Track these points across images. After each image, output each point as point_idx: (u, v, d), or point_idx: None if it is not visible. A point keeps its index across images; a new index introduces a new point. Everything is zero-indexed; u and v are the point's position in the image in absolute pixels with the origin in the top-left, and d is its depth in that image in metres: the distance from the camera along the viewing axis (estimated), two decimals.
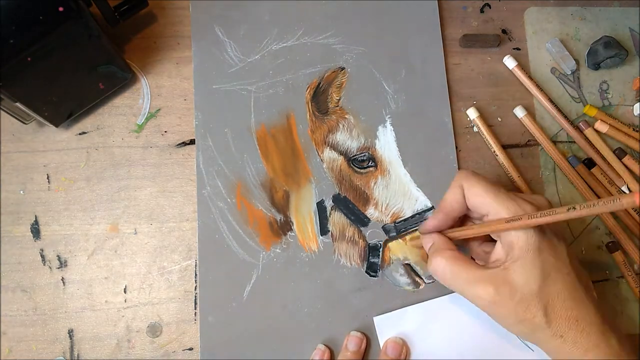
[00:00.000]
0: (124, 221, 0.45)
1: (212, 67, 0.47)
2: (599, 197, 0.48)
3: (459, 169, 0.48)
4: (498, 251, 0.36)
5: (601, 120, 0.49)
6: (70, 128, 0.46)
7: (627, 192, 0.48)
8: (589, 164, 0.49)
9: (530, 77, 0.50)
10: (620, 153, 0.49)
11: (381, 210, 0.46)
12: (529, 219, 0.33)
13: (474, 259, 0.41)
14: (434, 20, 0.50)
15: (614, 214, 0.48)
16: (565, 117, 0.49)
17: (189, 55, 0.48)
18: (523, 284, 0.34)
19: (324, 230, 0.45)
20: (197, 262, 0.44)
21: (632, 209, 0.48)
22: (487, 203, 0.36)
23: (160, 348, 0.43)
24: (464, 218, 0.42)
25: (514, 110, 0.49)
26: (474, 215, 0.40)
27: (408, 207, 0.46)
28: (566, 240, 0.37)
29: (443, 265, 0.37)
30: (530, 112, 0.50)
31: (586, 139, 0.49)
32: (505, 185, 0.48)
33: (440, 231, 0.41)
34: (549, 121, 0.50)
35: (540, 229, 0.35)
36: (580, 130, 0.49)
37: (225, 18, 0.48)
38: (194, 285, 0.44)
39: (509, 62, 0.50)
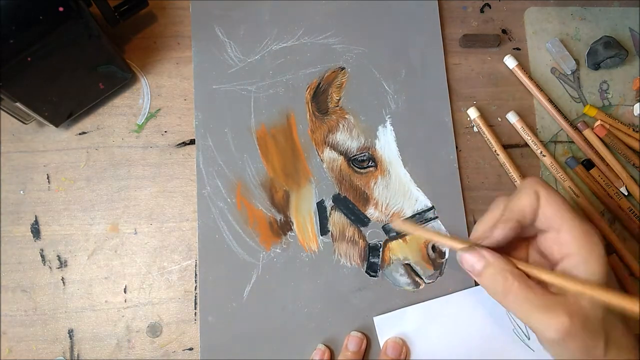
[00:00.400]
0: (124, 221, 0.45)
1: (212, 67, 0.47)
2: (596, 197, 0.48)
3: (459, 169, 0.48)
4: (562, 272, 0.34)
5: (601, 120, 0.49)
6: (70, 128, 0.46)
7: (625, 193, 0.49)
8: (588, 164, 0.49)
9: (530, 77, 0.50)
10: (588, 165, 0.49)
11: (381, 210, 0.46)
12: (613, 297, 0.31)
13: None
14: (434, 20, 0.50)
15: (613, 219, 0.48)
16: (565, 117, 0.49)
17: (189, 55, 0.48)
18: (592, 313, 0.32)
19: (324, 230, 0.45)
20: (197, 262, 0.44)
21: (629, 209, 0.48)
22: (563, 217, 0.33)
23: (160, 348, 0.43)
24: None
25: (506, 116, 0.49)
26: (529, 232, 0.36)
27: (408, 207, 0.46)
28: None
29: (514, 289, 0.32)
30: (531, 112, 0.50)
31: (585, 139, 0.49)
32: (503, 185, 0.48)
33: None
34: (549, 121, 0.50)
35: (606, 270, 0.32)
36: (579, 131, 0.49)
37: (225, 18, 0.48)
38: (194, 285, 0.44)
39: (510, 62, 0.50)
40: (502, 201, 0.37)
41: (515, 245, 0.38)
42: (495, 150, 0.48)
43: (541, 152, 0.48)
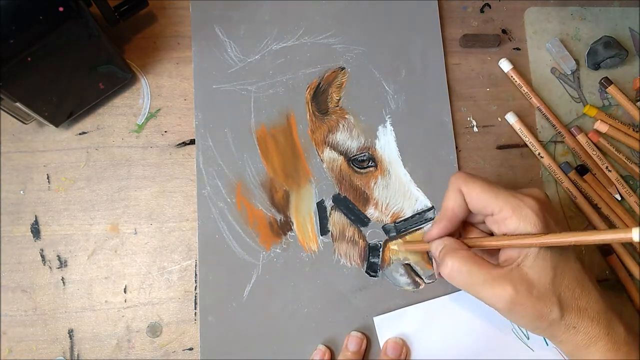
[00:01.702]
0: (124, 221, 0.45)
1: (212, 67, 0.47)
2: (590, 203, 0.49)
3: (459, 169, 0.48)
4: (508, 250, 0.36)
5: (601, 120, 0.49)
6: (70, 128, 0.46)
7: (619, 198, 0.49)
8: (582, 170, 0.49)
9: (526, 81, 0.50)
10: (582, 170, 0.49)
11: (381, 210, 0.46)
12: (551, 238, 0.32)
13: None
14: (434, 20, 0.50)
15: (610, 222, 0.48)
16: (560, 121, 0.49)
17: (189, 55, 0.48)
18: (537, 280, 0.34)
19: (324, 230, 0.45)
20: (197, 262, 0.44)
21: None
22: (489, 203, 0.36)
23: (160, 348, 0.43)
24: (464, 223, 0.41)
25: (505, 116, 0.49)
26: (476, 219, 0.40)
27: (408, 207, 0.46)
28: (567, 230, 0.37)
29: (457, 266, 0.35)
30: (531, 111, 0.50)
31: (579, 143, 0.49)
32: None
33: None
34: (549, 121, 0.50)
35: (546, 220, 0.34)
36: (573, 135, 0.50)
37: (225, 18, 0.48)
38: (194, 285, 0.44)
39: (505, 65, 0.50)
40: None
41: (472, 231, 0.40)
42: (539, 153, 0.48)
43: (539, 153, 0.48)
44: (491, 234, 0.38)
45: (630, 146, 0.49)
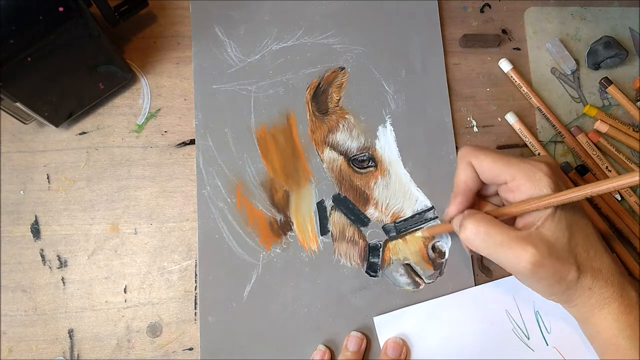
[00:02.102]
0: (124, 221, 0.45)
1: (212, 67, 0.47)
2: (591, 203, 0.48)
3: None
4: (526, 215, 0.36)
5: (601, 120, 0.49)
6: (70, 128, 0.46)
7: (619, 198, 0.49)
8: (582, 170, 0.49)
9: (526, 81, 0.50)
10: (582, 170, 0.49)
11: (381, 210, 0.46)
12: (563, 196, 0.33)
13: None
14: (434, 20, 0.50)
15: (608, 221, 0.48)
16: (560, 120, 0.49)
17: (189, 55, 0.48)
18: (556, 240, 0.34)
19: (324, 230, 0.45)
20: (197, 262, 0.44)
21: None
22: (502, 171, 0.36)
23: (160, 348, 0.43)
24: (477, 198, 0.41)
25: (505, 116, 0.49)
26: (489, 191, 0.40)
27: (408, 207, 0.46)
28: None
29: (478, 228, 0.35)
30: (531, 111, 0.50)
31: (579, 143, 0.49)
32: None
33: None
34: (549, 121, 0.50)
35: (557, 184, 0.35)
36: (573, 136, 0.49)
37: (225, 18, 0.48)
38: (194, 285, 0.44)
39: (504, 65, 0.50)
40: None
41: (488, 205, 0.41)
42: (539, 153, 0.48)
43: (539, 154, 0.48)
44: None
45: (630, 146, 0.49)
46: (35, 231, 0.44)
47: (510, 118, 0.49)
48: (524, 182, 0.35)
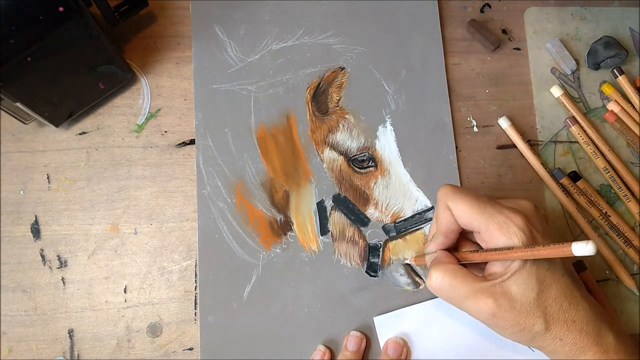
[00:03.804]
0: (124, 221, 0.45)
1: (212, 67, 0.47)
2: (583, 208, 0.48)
3: (459, 169, 0.48)
4: (494, 265, 0.36)
5: (615, 100, 0.49)
6: (70, 128, 0.46)
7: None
8: (575, 177, 0.49)
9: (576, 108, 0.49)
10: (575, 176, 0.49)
11: (381, 210, 0.46)
12: (529, 251, 0.33)
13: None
14: (434, 20, 0.50)
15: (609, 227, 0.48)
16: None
17: (189, 55, 0.48)
18: (521, 295, 0.34)
19: (324, 230, 0.45)
20: (197, 262, 0.44)
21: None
22: (475, 220, 0.36)
23: (160, 348, 0.43)
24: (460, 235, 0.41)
25: (498, 121, 0.49)
26: (468, 230, 0.39)
27: (408, 207, 0.46)
28: (558, 240, 0.37)
29: (441, 278, 0.36)
30: (531, 111, 0.50)
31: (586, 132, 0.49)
32: (503, 185, 0.48)
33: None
34: (549, 121, 0.50)
35: (532, 236, 0.34)
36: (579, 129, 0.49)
37: (225, 18, 0.48)
38: (194, 285, 0.44)
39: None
40: (436, 214, 0.39)
41: (466, 245, 0.40)
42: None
43: (530, 160, 0.48)
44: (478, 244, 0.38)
45: (633, 137, 0.49)
46: (35, 231, 0.44)
47: (503, 123, 0.49)
48: (497, 234, 0.35)
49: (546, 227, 0.37)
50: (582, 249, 0.28)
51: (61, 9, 0.35)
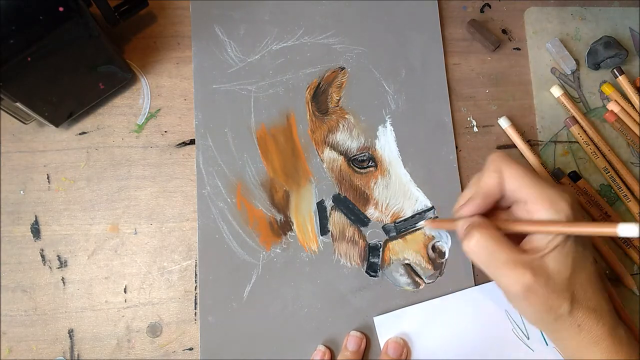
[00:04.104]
0: (124, 221, 0.45)
1: (212, 67, 0.47)
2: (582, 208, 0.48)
3: (459, 169, 0.48)
4: (532, 237, 0.35)
5: (615, 100, 0.49)
6: (70, 128, 0.46)
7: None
8: (575, 177, 0.49)
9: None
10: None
11: (381, 210, 0.46)
12: (575, 225, 0.33)
13: None
14: (434, 20, 0.50)
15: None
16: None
17: (189, 55, 0.48)
18: (557, 273, 0.34)
19: (324, 230, 0.45)
20: (197, 262, 0.44)
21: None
22: (527, 188, 0.35)
23: (160, 348, 0.43)
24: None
25: (498, 121, 0.49)
26: (505, 203, 0.38)
27: (408, 207, 0.46)
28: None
29: (482, 242, 0.34)
30: (531, 111, 0.50)
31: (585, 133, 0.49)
32: None
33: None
34: (549, 121, 0.50)
35: (577, 218, 0.34)
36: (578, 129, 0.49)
37: (225, 18, 0.48)
38: (194, 285, 0.44)
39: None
40: (476, 178, 0.39)
41: (498, 215, 0.39)
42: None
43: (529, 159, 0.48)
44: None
45: (633, 136, 0.49)
46: (35, 231, 0.44)
47: (503, 123, 0.49)
48: (545, 207, 0.34)
49: (584, 215, 0.37)
50: (629, 230, 0.28)
51: (61, 9, 0.35)
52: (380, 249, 0.45)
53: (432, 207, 0.46)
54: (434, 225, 0.44)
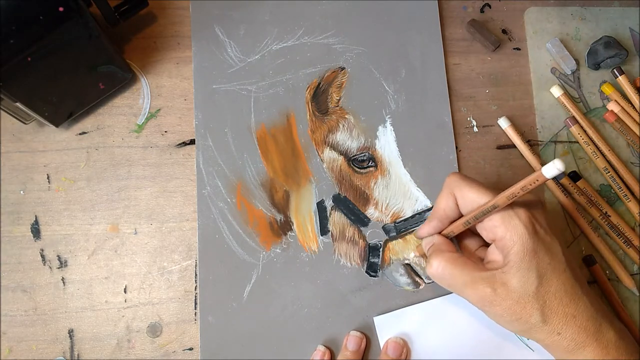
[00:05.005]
0: (124, 221, 0.45)
1: (212, 67, 0.47)
2: (583, 208, 0.48)
3: (459, 169, 0.48)
4: (493, 253, 0.37)
5: (615, 100, 0.49)
6: (70, 128, 0.46)
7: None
8: (575, 177, 0.49)
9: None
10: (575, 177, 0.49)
11: (381, 210, 0.46)
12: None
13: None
14: (434, 20, 0.50)
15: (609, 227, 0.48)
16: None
17: (189, 55, 0.48)
18: (520, 287, 0.34)
19: (324, 230, 0.45)
20: (197, 262, 0.44)
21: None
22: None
23: (160, 348, 0.43)
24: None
25: (498, 121, 0.49)
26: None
27: (408, 207, 0.46)
28: (560, 238, 0.38)
29: (442, 267, 0.37)
30: (531, 111, 0.50)
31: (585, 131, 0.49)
32: (503, 185, 0.48)
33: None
34: (549, 121, 0.50)
35: (535, 231, 0.35)
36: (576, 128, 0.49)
37: (225, 18, 0.48)
38: (194, 285, 0.44)
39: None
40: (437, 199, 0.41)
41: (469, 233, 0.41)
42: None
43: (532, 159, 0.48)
44: (479, 235, 0.39)
45: (633, 136, 0.49)
46: (35, 231, 0.44)
47: (503, 123, 0.49)
48: (499, 224, 0.35)
49: (549, 223, 0.37)
50: (551, 169, 0.29)
51: (61, 9, 0.35)
52: (380, 249, 0.45)
53: (432, 207, 0.46)
54: (418, 252, 0.45)
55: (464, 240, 0.41)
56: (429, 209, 0.46)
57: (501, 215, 0.35)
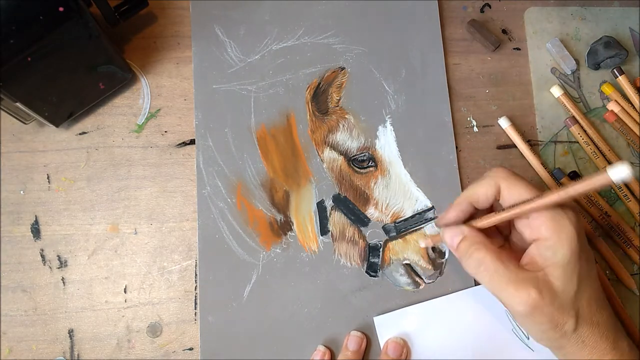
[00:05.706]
0: (124, 221, 0.45)
1: (212, 67, 0.47)
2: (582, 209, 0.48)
3: (459, 169, 0.48)
4: (533, 254, 0.35)
5: (615, 100, 0.49)
6: (71, 128, 0.46)
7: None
8: (575, 177, 0.49)
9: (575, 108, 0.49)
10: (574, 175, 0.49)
11: (381, 210, 0.46)
12: (562, 190, 0.32)
13: None
14: (434, 20, 0.50)
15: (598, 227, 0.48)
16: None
17: (189, 55, 0.48)
18: (563, 290, 0.33)
19: (324, 230, 0.45)
20: (197, 262, 0.44)
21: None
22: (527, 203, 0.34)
23: (160, 348, 0.43)
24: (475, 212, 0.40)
25: (498, 121, 0.49)
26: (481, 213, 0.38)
27: (408, 207, 0.46)
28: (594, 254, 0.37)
29: (486, 262, 0.34)
30: (531, 111, 0.50)
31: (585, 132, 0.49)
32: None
33: (465, 222, 0.38)
34: (549, 121, 0.50)
35: (580, 235, 0.34)
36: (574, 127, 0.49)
37: (225, 18, 0.48)
38: (194, 285, 0.44)
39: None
40: (470, 187, 0.39)
41: (501, 227, 0.40)
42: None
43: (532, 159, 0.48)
44: (499, 233, 0.38)
45: (633, 136, 0.49)
46: (35, 231, 0.44)
47: (503, 123, 0.49)
48: (547, 223, 0.34)
49: (586, 229, 0.37)
50: (620, 171, 0.27)
51: (61, 9, 0.35)
52: (380, 249, 0.45)
53: (432, 207, 0.46)
54: (428, 242, 0.44)
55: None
56: (429, 209, 0.46)
57: (551, 214, 0.34)
